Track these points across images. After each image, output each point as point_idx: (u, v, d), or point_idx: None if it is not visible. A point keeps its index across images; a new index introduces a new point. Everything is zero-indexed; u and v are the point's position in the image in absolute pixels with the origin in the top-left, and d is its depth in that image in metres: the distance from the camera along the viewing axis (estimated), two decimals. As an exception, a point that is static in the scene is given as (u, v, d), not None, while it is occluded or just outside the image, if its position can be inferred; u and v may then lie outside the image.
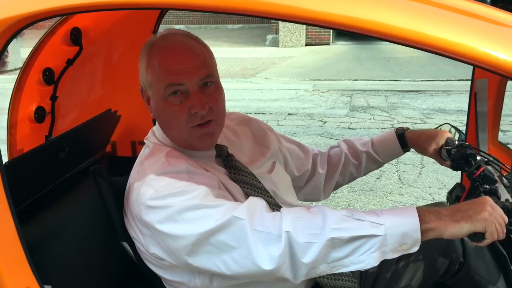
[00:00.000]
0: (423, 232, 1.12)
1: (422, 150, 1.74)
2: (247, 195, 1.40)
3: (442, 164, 1.72)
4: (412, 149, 1.80)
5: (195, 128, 1.34)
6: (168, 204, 1.21)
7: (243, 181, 1.43)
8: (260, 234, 1.15)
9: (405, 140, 1.75)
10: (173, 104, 1.32)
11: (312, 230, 1.14)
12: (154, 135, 1.45)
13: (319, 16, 0.91)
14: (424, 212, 1.14)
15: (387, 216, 1.13)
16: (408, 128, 1.79)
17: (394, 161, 4.94)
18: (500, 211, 1.18)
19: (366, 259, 1.13)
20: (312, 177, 1.79)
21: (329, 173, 1.81)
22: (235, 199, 1.36)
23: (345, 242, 1.12)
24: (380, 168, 1.95)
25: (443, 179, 4.47)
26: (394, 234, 1.11)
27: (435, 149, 1.69)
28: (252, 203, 1.23)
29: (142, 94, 1.42)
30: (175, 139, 1.39)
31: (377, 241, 1.11)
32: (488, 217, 1.13)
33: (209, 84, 1.34)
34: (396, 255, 1.14)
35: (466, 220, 1.13)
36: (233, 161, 1.45)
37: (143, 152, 1.43)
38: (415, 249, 1.14)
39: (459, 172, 2.01)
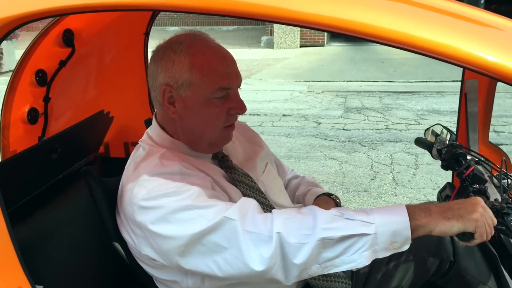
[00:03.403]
0: (413, 229, 1.13)
1: None
2: (243, 194, 1.41)
3: None
4: (406, 150, 1.81)
5: (227, 128, 1.40)
6: (161, 205, 1.22)
7: (239, 180, 1.44)
8: (251, 235, 1.16)
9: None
10: (215, 105, 1.35)
11: (303, 231, 1.14)
12: (150, 137, 1.45)
13: (307, 17, 0.92)
14: (413, 209, 1.15)
15: (377, 215, 1.14)
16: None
17: (388, 162, 4.96)
18: (490, 212, 1.19)
19: (358, 258, 1.13)
20: None
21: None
22: (230, 199, 1.37)
23: (336, 241, 1.13)
24: (374, 169, 1.95)
25: (437, 179, 4.49)
26: (385, 233, 1.12)
27: None
28: (243, 203, 1.23)
29: (163, 94, 1.36)
30: (196, 139, 1.40)
31: (367, 240, 1.12)
32: (479, 218, 1.14)
33: (239, 88, 1.41)
34: (387, 254, 1.15)
35: (457, 219, 1.14)
36: (229, 161, 1.47)
37: (137, 154, 1.42)
38: (406, 247, 1.14)
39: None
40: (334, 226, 1.13)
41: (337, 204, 1.66)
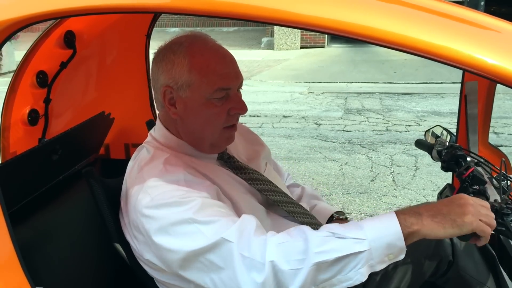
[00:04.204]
0: (406, 237, 1.11)
1: None
2: (259, 191, 1.44)
3: None
4: (406, 151, 1.83)
5: (228, 129, 1.40)
6: (162, 215, 1.22)
7: (251, 178, 1.46)
8: (245, 260, 1.15)
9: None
10: (215, 105, 1.35)
11: (297, 256, 1.12)
12: (154, 138, 1.45)
13: (307, 20, 0.92)
14: (404, 216, 1.12)
15: (368, 229, 1.12)
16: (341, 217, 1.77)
17: (388, 164, 4.97)
18: (479, 201, 1.15)
19: (354, 275, 1.11)
20: None
21: None
22: (235, 206, 1.37)
23: (330, 263, 1.11)
24: (374, 170, 1.96)
25: (437, 181, 4.49)
26: (379, 247, 1.10)
27: None
28: (243, 223, 1.21)
29: (164, 95, 1.37)
30: (197, 140, 1.40)
31: (362, 257, 1.10)
32: (473, 220, 1.11)
33: (241, 88, 1.41)
34: (384, 266, 1.13)
35: (452, 225, 1.11)
36: (236, 162, 1.48)
37: (141, 156, 1.42)
38: (402, 256, 1.13)
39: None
40: (327, 248, 1.11)
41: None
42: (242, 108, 1.38)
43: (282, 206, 1.50)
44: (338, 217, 1.76)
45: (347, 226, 1.15)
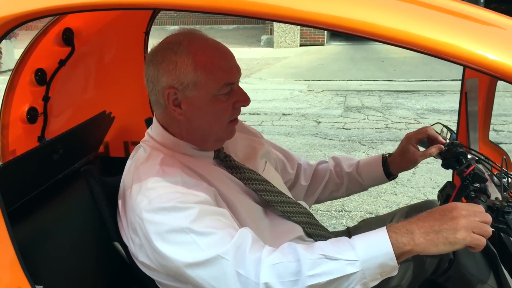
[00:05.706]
0: (398, 257, 1.10)
1: (406, 166, 1.75)
2: (254, 191, 1.44)
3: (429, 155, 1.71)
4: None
5: (232, 123, 1.41)
6: (159, 220, 1.21)
7: (246, 177, 1.45)
8: (241, 277, 1.15)
9: (388, 166, 1.76)
10: (222, 101, 1.35)
11: (290, 277, 1.13)
12: (151, 137, 1.44)
13: (308, 16, 0.92)
14: (396, 236, 1.10)
15: (360, 248, 1.11)
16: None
17: (388, 161, 4.95)
18: (473, 208, 1.11)
19: None
20: (293, 187, 1.81)
21: (312, 187, 1.83)
22: (232, 209, 1.36)
23: (323, 285, 1.11)
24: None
25: (436, 178, 4.49)
26: (371, 267, 1.10)
27: (415, 158, 1.70)
28: (239, 238, 1.20)
29: (168, 96, 1.33)
30: (203, 137, 1.39)
31: (355, 277, 1.10)
32: (466, 235, 1.07)
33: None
34: (377, 282, 1.13)
35: (444, 242, 1.08)
36: (232, 161, 1.47)
37: (138, 155, 1.41)
38: (395, 273, 1.13)
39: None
40: (319, 271, 1.11)
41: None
42: (246, 99, 1.39)
43: (277, 206, 1.49)
44: (388, 156, 1.77)
45: (339, 245, 1.14)
